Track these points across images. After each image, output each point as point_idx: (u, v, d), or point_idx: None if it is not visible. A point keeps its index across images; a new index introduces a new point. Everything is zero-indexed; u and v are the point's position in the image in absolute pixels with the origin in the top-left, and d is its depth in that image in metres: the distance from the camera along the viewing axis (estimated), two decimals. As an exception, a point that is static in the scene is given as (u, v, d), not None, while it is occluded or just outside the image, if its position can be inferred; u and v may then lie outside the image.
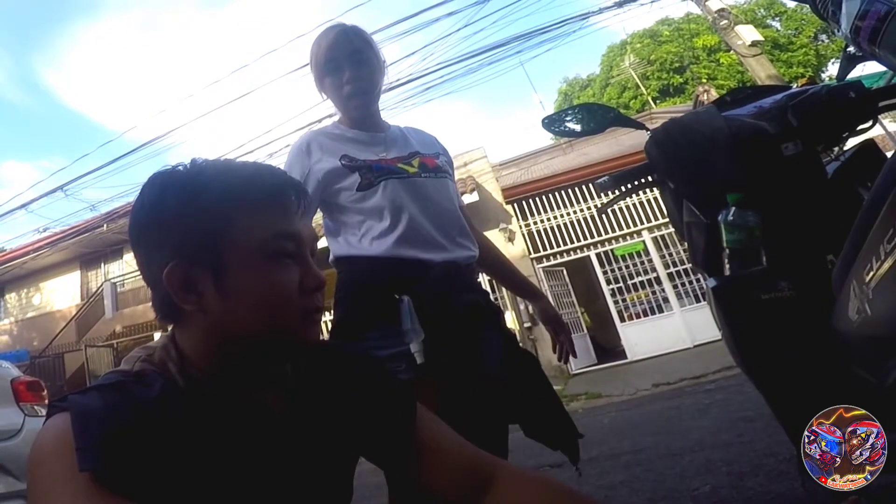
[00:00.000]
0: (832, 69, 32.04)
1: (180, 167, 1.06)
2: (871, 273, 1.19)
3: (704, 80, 25.99)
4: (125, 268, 21.69)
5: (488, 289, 2.44)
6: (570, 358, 2.35)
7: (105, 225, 19.44)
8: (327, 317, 14.81)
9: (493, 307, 2.10)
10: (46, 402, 4.65)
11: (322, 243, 1.58)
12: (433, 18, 14.34)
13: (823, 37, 32.61)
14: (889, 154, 1.62)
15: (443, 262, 1.94)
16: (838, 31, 1.47)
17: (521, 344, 2.17)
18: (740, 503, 2.84)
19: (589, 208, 14.62)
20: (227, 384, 1.02)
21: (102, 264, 22.65)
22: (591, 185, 14.32)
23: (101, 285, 20.77)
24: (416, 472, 1.20)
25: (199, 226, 0.99)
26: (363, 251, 1.92)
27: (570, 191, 14.93)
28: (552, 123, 2.34)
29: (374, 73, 2.09)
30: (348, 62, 2.03)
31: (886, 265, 1.11)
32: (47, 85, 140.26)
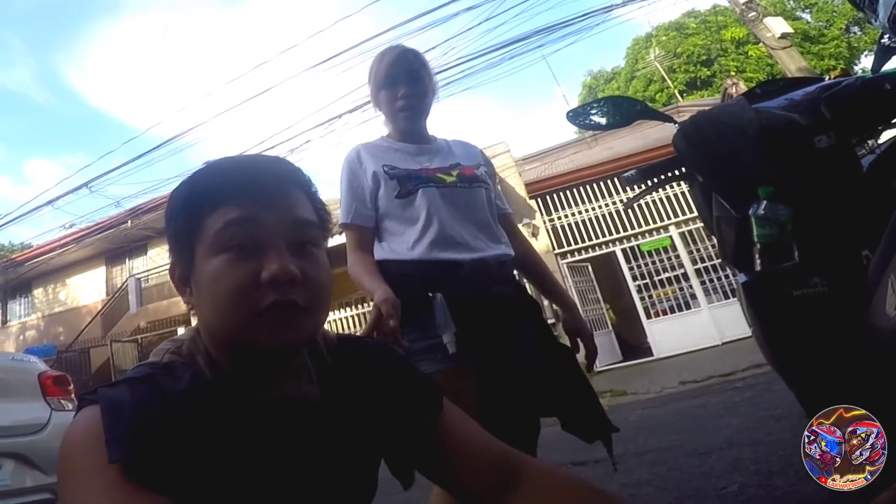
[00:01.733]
0: (865, 62, 31.70)
1: None
2: (912, 267, 1.16)
3: (733, 73, 25.76)
4: (149, 263, 22.07)
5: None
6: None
7: (129, 221, 19.81)
8: (344, 313, 14.91)
9: (529, 300, 2.23)
10: (73, 396, 4.73)
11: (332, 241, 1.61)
12: (453, 13, 14.37)
13: (856, 28, 32.16)
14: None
15: (472, 260, 2.07)
16: (875, 20, 1.43)
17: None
18: (768, 502, 2.79)
19: (614, 203, 14.56)
20: (252, 376, 1.02)
21: (127, 260, 23.01)
22: (616, 180, 14.27)
23: (126, 281, 21.08)
24: (443, 467, 1.20)
25: (181, 224, 1.03)
26: (402, 255, 2.09)
27: (594, 185, 14.87)
28: (577, 116, 2.32)
29: (426, 93, 2.29)
30: (405, 80, 2.23)
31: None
32: (70, 84, 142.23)
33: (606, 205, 14.70)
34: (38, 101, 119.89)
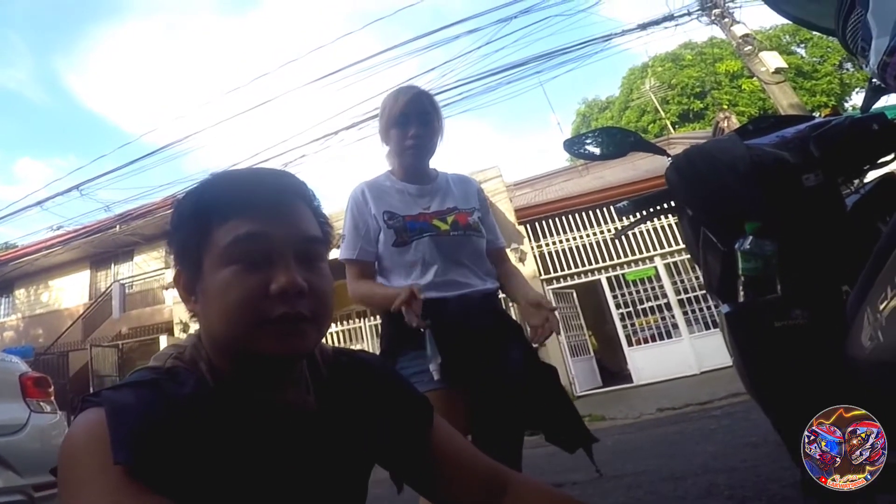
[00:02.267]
0: (856, 98, 31.63)
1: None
2: (885, 302, 1.21)
3: (725, 107, 25.74)
4: (135, 269, 21.87)
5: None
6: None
7: (118, 226, 19.52)
8: (341, 326, 14.83)
9: (513, 324, 2.36)
10: (52, 398, 4.67)
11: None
12: (454, 35, 14.36)
13: (848, 65, 31.96)
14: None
15: (456, 297, 2.25)
16: (866, 66, 1.49)
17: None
18: (741, 527, 2.83)
19: (602, 232, 14.60)
20: (251, 383, 1.04)
21: (112, 265, 22.78)
22: (605, 209, 14.35)
23: (110, 286, 20.81)
24: (433, 481, 1.24)
25: (189, 234, 1.05)
26: None
27: (583, 214, 14.90)
28: (572, 145, 2.39)
29: (434, 135, 2.44)
30: (416, 120, 2.37)
31: (901, 295, 1.13)
32: (66, 84, 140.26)
33: (594, 233, 14.73)
34: (33, 101, 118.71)
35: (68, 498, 0.86)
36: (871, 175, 2.04)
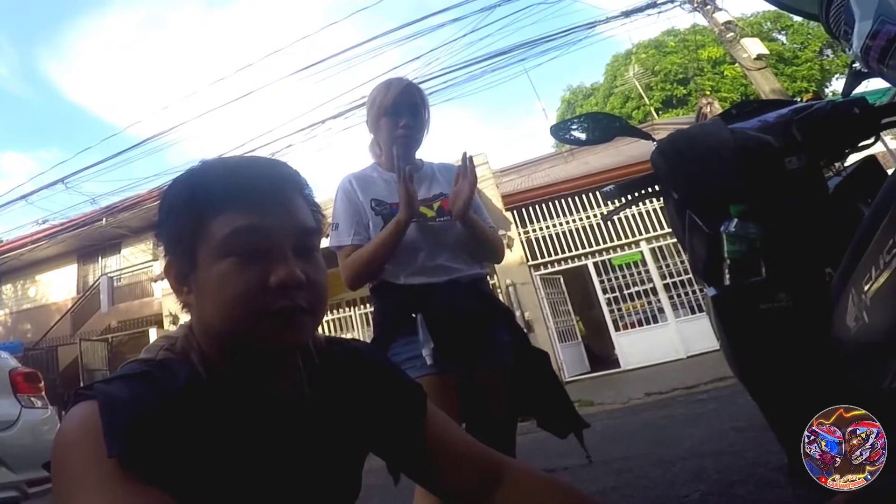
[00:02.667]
0: (836, 84, 32.02)
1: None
2: (870, 283, 1.23)
3: (708, 93, 25.89)
4: (122, 262, 21.77)
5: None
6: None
7: (104, 219, 19.36)
8: (332, 315, 14.81)
9: (502, 308, 2.41)
10: (43, 394, 4.65)
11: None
12: (438, 24, 14.35)
13: (829, 52, 32.47)
14: (890, 171, 1.66)
15: (446, 281, 2.27)
16: (849, 49, 1.50)
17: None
18: (730, 511, 2.85)
19: (588, 217, 14.67)
20: (245, 375, 1.04)
21: (100, 258, 22.67)
22: (591, 195, 14.39)
23: (98, 279, 20.81)
24: (428, 469, 1.25)
25: (180, 224, 1.03)
26: (389, 279, 2.30)
27: (569, 199, 14.95)
28: (559, 131, 2.38)
29: (422, 126, 2.50)
30: (407, 111, 2.42)
31: (885, 276, 1.15)
32: (49, 77, 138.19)
33: (580, 219, 14.80)
34: (15, 94, 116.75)
35: (62, 492, 0.86)
36: (853, 158, 2.06)
